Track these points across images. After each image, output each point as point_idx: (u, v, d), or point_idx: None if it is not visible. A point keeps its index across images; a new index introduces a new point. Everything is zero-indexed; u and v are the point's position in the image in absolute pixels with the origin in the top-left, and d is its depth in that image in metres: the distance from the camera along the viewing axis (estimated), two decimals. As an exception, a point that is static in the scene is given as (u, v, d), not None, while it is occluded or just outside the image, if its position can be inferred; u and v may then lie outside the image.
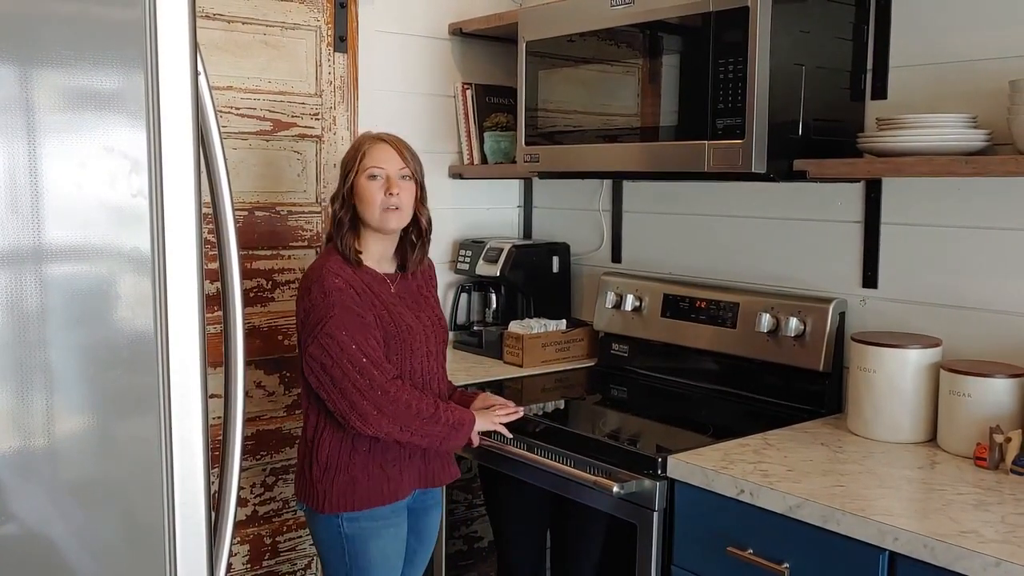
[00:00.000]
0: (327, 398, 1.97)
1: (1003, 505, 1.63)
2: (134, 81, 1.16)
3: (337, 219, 2.06)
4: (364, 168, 2.03)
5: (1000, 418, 1.84)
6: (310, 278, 2.02)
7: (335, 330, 1.94)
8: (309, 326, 1.98)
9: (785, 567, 1.69)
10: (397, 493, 2.05)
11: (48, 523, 1.16)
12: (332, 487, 2.01)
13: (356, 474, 2.01)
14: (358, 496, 2.01)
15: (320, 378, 1.96)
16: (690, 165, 2.12)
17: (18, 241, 1.10)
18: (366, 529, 2.02)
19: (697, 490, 1.84)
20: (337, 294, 1.97)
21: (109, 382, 1.18)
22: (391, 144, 2.07)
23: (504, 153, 2.85)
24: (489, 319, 3.01)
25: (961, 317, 2.08)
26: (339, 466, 2.01)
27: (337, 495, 2.00)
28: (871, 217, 2.22)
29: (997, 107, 1.92)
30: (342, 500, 2.01)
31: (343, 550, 2.03)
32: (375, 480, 2.02)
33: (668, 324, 2.58)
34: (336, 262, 2.03)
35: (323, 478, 2.01)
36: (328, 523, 2.03)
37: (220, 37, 2.48)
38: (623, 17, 2.25)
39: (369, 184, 2.03)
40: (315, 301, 1.97)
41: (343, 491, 2.00)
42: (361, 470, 2.01)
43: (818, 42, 2.11)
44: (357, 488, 2.01)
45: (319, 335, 1.95)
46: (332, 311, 1.95)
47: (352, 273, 2.03)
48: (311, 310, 1.97)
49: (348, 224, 2.05)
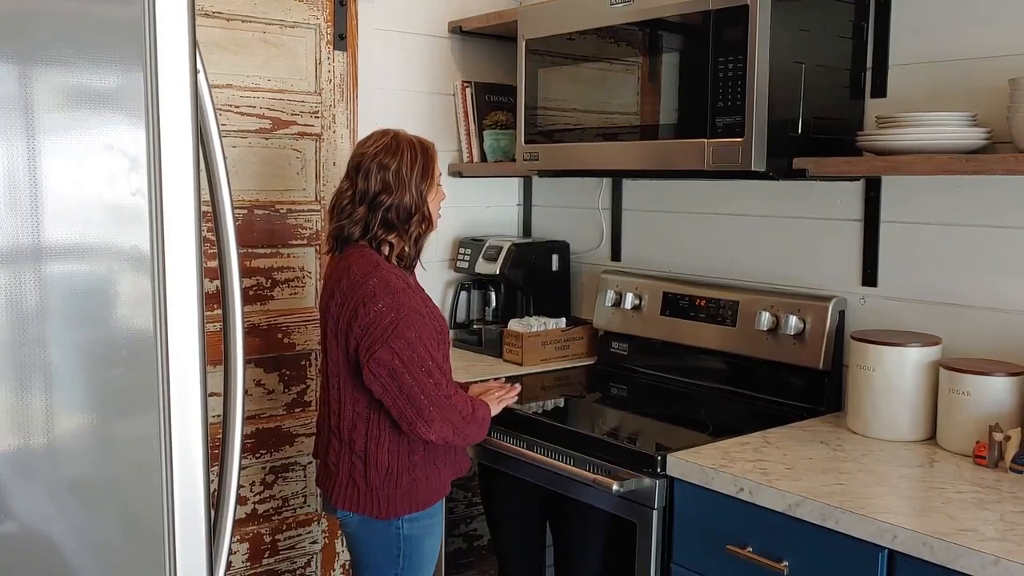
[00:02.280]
0: (392, 404, 1.92)
1: (1002, 503, 1.63)
2: (133, 79, 1.16)
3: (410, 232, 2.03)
4: (437, 178, 2.08)
5: (999, 416, 1.84)
6: (370, 283, 1.94)
7: (407, 333, 1.90)
8: (379, 331, 1.90)
9: (784, 565, 1.69)
10: (446, 487, 2.08)
11: (48, 521, 1.16)
12: (396, 491, 1.99)
13: (417, 475, 2.00)
14: (420, 496, 2.01)
15: (386, 385, 1.91)
16: (690, 163, 2.12)
17: (17, 240, 1.10)
18: (423, 527, 2.04)
19: (697, 488, 1.84)
20: (405, 297, 1.94)
21: (108, 381, 1.18)
22: None
23: (504, 151, 2.85)
24: (489, 317, 3.01)
25: (961, 315, 2.08)
26: (400, 470, 1.99)
27: (401, 498, 1.99)
28: (871, 215, 2.22)
29: (997, 105, 1.92)
30: (406, 503, 1.99)
31: (399, 552, 2.02)
32: (432, 478, 2.03)
33: (668, 322, 2.58)
34: (387, 264, 2.01)
35: (384, 484, 1.98)
36: (386, 528, 2.01)
37: (219, 35, 2.48)
38: (623, 15, 2.25)
39: (439, 190, 2.10)
40: (386, 306, 1.91)
41: (407, 494, 1.99)
42: (421, 471, 2.01)
43: (818, 40, 2.11)
44: (419, 489, 2.00)
45: (390, 339, 1.89)
46: (403, 314, 1.91)
47: (400, 274, 2.02)
48: (381, 314, 1.91)
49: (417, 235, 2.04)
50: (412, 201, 2.01)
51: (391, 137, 2.04)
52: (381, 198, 2.00)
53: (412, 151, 2.03)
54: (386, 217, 2.00)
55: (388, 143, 2.03)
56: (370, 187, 2.00)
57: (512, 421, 2.22)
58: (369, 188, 2.00)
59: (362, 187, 2.01)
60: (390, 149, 2.02)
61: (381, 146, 2.03)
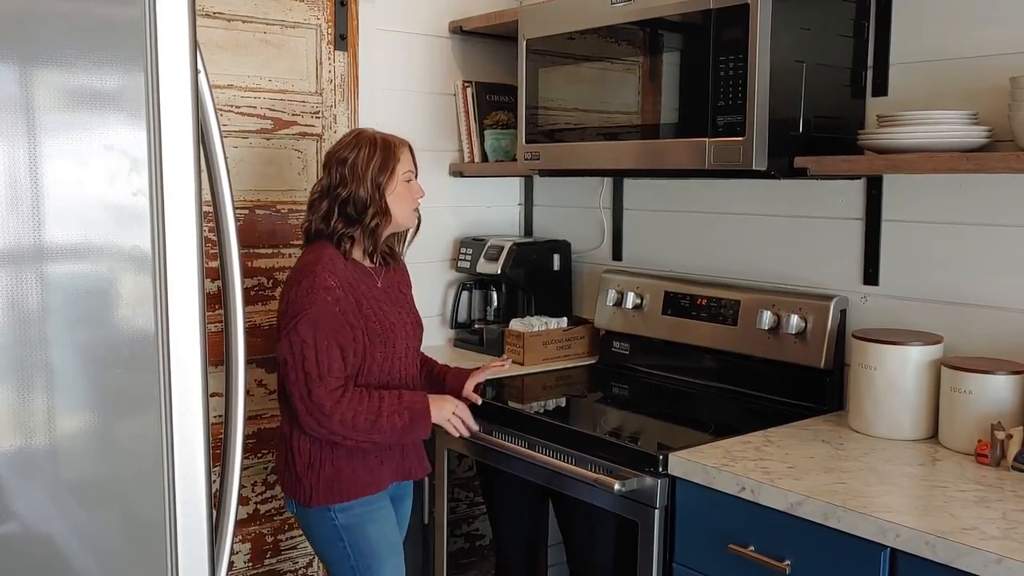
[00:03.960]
0: (289, 393, 1.99)
1: (1004, 502, 1.63)
2: (134, 80, 1.16)
3: (365, 223, 2.06)
4: (402, 173, 2.10)
5: (1001, 415, 1.84)
6: (302, 271, 2.02)
7: (304, 329, 1.95)
8: (287, 319, 1.99)
9: (786, 564, 1.69)
10: (379, 483, 2.08)
11: (49, 522, 1.16)
12: (318, 481, 2.02)
13: (341, 466, 2.02)
14: (345, 487, 2.02)
15: (283, 373, 2.00)
16: (691, 162, 2.12)
17: (18, 240, 1.10)
18: (361, 515, 2.05)
19: (698, 487, 1.83)
20: (322, 292, 1.97)
21: (110, 381, 1.18)
22: (410, 148, 2.16)
23: (505, 151, 2.85)
24: (490, 317, 3.01)
25: (962, 314, 2.07)
26: (323, 460, 2.02)
27: (324, 488, 2.02)
28: (872, 214, 2.22)
29: (998, 103, 1.92)
30: (330, 492, 2.02)
31: (343, 542, 2.04)
32: (358, 472, 2.04)
33: (669, 322, 2.58)
34: (332, 256, 2.05)
35: (308, 472, 2.03)
36: (321, 517, 2.04)
37: (220, 36, 2.48)
38: (623, 14, 2.25)
39: (407, 188, 2.12)
40: (299, 294, 1.98)
41: (330, 484, 2.02)
42: (345, 463, 2.03)
43: (819, 39, 2.11)
44: (343, 479, 2.02)
45: (290, 331, 1.96)
46: (309, 309, 1.95)
47: (345, 268, 2.05)
48: (291, 302, 1.99)
49: (373, 226, 2.06)
50: (367, 193, 2.05)
51: (355, 134, 2.13)
52: (338, 191, 2.06)
53: (371, 146, 2.08)
54: (344, 211, 2.06)
55: (350, 140, 2.11)
56: (331, 181, 2.08)
57: (514, 420, 2.22)
58: (330, 182, 2.09)
59: (325, 182, 2.10)
60: (350, 144, 2.09)
61: (343, 143, 2.12)
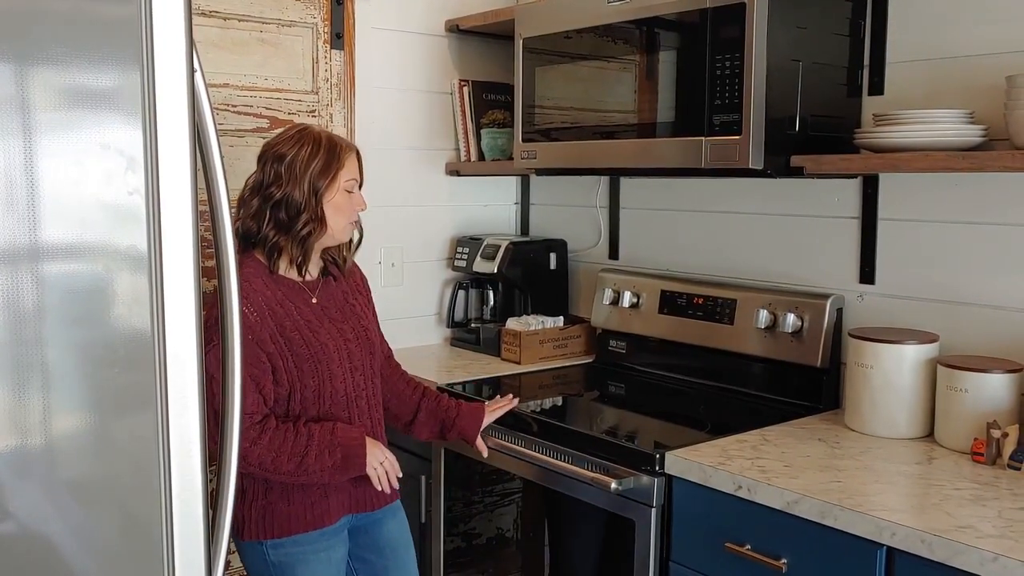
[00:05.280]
0: None
1: (1000, 500, 1.63)
2: (130, 78, 1.16)
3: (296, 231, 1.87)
4: (342, 181, 1.91)
5: (997, 413, 1.85)
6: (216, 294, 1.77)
7: (210, 363, 1.68)
8: None
9: (783, 563, 1.69)
10: (323, 519, 1.90)
11: (45, 521, 1.16)
12: (250, 513, 1.88)
13: (274, 500, 1.87)
14: (278, 523, 1.87)
15: None
16: (687, 161, 2.12)
17: (14, 239, 1.09)
18: (292, 555, 1.88)
19: (695, 486, 1.84)
20: None
21: (106, 380, 1.18)
22: (357, 155, 1.97)
23: (501, 150, 2.85)
24: (487, 316, 3.01)
25: (958, 312, 2.08)
26: (255, 492, 1.88)
27: (255, 522, 1.88)
28: (868, 213, 2.22)
29: (994, 103, 1.92)
30: (261, 527, 1.88)
31: None
32: (296, 506, 1.88)
33: (666, 320, 2.58)
34: (251, 273, 1.86)
35: (241, 504, 1.87)
36: (253, 550, 1.90)
37: (216, 34, 2.48)
38: (619, 13, 2.25)
39: (348, 198, 1.93)
40: (207, 323, 1.72)
41: (261, 518, 1.87)
42: (279, 497, 1.87)
43: (815, 38, 2.11)
44: (276, 515, 1.87)
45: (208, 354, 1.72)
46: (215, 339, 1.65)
47: (266, 286, 1.87)
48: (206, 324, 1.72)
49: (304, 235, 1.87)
50: (303, 197, 1.86)
51: (299, 130, 1.93)
52: (271, 190, 1.87)
53: (315, 145, 1.88)
54: (276, 215, 1.87)
55: (292, 135, 1.91)
56: (265, 177, 1.89)
57: (511, 420, 2.22)
58: (264, 179, 1.89)
59: (258, 178, 1.91)
60: (291, 140, 1.90)
61: (284, 137, 1.92)
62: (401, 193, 2.89)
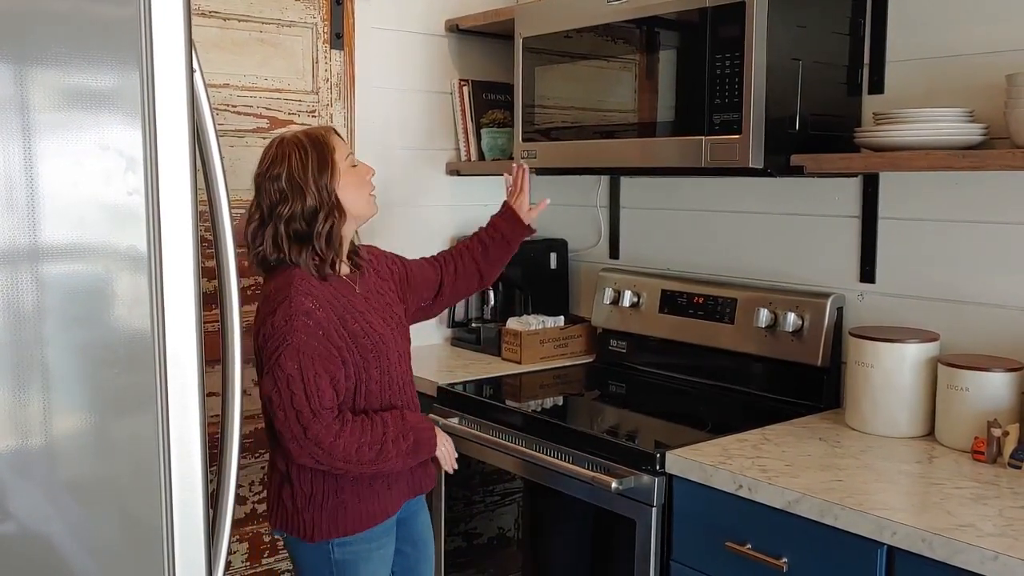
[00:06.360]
0: (279, 434, 1.83)
1: (1001, 499, 1.63)
2: (129, 79, 1.16)
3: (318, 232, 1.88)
4: (342, 160, 1.92)
5: (998, 412, 1.85)
6: (274, 298, 1.84)
7: (287, 362, 1.78)
8: (267, 354, 1.82)
9: (784, 562, 1.69)
10: (388, 509, 1.95)
11: (46, 522, 1.16)
12: (321, 514, 1.89)
13: (346, 499, 1.90)
14: (350, 520, 1.90)
15: (270, 412, 1.84)
16: (687, 160, 2.12)
17: (14, 240, 1.10)
18: (358, 553, 1.92)
19: (695, 485, 1.84)
20: (302, 318, 1.80)
21: (106, 381, 1.18)
22: (335, 132, 1.97)
23: (501, 149, 2.85)
24: (487, 316, 3.01)
25: (959, 311, 2.08)
26: (326, 493, 1.89)
27: (327, 522, 1.89)
28: (868, 212, 2.22)
29: (994, 101, 1.92)
30: (333, 527, 1.90)
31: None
32: (366, 501, 1.91)
33: (666, 320, 2.58)
34: (303, 274, 1.87)
35: (308, 506, 1.89)
36: (316, 551, 1.92)
37: (215, 35, 2.48)
38: (619, 13, 2.25)
39: (355, 172, 1.94)
40: (276, 324, 1.81)
41: (333, 517, 1.90)
42: (351, 494, 1.90)
43: (815, 37, 2.11)
44: (348, 512, 1.90)
45: (272, 367, 1.80)
46: (289, 339, 1.79)
47: (320, 284, 1.88)
48: (269, 336, 1.81)
49: (327, 231, 1.88)
50: (316, 200, 1.87)
51: (277, 145, 1.92)
52: (279, 210, 1.87)
53: (300, 150, 1.88)
54: (291, 230, 1.87)
55: (274, 152, 1.90)
56: (270, 202, 1.89)
57: (511, 420, 2.22)
58: (270, 203, 1.89)
59: (261, 206, 1.91)
60: (276, 158, 1.89)
61: (268, 158, 1.91)
62: (401, 193, 2.88)
